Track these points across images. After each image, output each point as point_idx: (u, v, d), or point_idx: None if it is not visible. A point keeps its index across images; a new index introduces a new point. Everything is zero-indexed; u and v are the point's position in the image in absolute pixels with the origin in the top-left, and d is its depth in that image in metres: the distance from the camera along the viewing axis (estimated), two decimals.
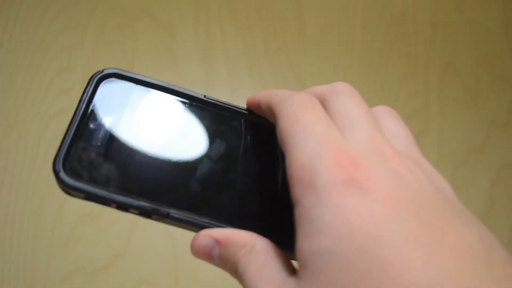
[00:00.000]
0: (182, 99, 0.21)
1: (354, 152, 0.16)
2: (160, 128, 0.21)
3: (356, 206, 0.14)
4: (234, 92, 0.57)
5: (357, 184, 0.15)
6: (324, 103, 0.18)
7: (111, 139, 0.19)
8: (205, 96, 0.22)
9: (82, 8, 0.59)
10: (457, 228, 0.15)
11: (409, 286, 0.13)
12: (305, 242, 0.15)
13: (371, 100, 0.20)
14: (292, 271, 0.16)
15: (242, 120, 0.22)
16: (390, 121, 0.19)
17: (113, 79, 0.21)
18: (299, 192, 0.15)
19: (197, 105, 0.22)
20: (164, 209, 0.18)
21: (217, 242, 0.18)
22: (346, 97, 0.18)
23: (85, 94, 0.20)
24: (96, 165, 0.19)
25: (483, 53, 0.64)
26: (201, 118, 0.21)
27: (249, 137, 0.21)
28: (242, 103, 0.23)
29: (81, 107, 0.20)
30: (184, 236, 0.49)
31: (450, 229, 0.14)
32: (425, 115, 0.59)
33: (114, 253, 0.48)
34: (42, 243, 0.48)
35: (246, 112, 0.22)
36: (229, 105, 0.22)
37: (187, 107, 0.21)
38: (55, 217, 0.49)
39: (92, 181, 0.18)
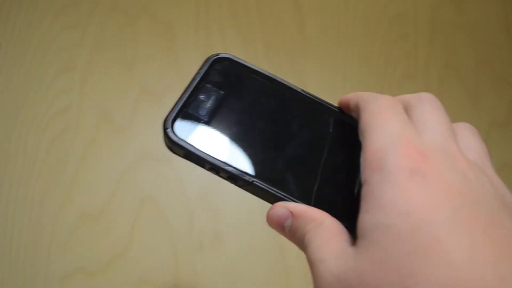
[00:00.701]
0: (281, 88, 0.25)
1: (424, 148, 0.17)
2: (259, 109, 0.23)
3: (417, 190, 0.16)
4: None
5: (422, 173, 0.16)
6: (407, 109, 0.20)
7: (215, 111, 0.22)
8: (302, 90, 0.25)
9: (82, 8, 0.59)
10: (507, 226, 0.16)
11: (454, 265, 0.14)
12: (366, 216, 0.16)
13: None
14: (353, 243, 0.18)
15: (332, 115, 0.24)
16: (467, 134, 0.20)
17: (226, 62, 0.25)
18: (368, 173, 0.17)
19: (294, 96, 0.24)
20: (250, 177, 0.21)
21: (291, 213, 0.20)
22: (428, 105, 0.20)
23: (200, 70, 0.24)
24: (198, 129, 0.22)
25: (483, 53, 0.64)
26: (296, 107, 0.24)
27: (336, 131, 0.24)
28: None
29: (196, 80, 0.23)
30: (184, 236, 0.50)
31: (502, 227, 0.15)
32: None
33: (114, 253, 0.48)
34: (42, 243, 0.48)
35: (337, 110, 0.24)
36: (323, 101, 0.25)
37: (285, 95, 0.24)
38: (55, 217, 0.49)
39: (193, 142, 0.21)
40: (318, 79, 0.60)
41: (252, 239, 0.50)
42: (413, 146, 0.17)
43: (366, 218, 0.16)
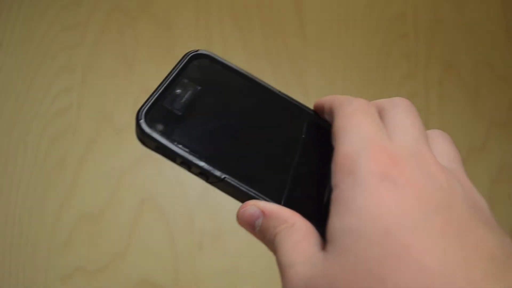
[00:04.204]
0: (258, 88, 0.24)
1: (396, 153, 0.17)
2: (234, 107, 0.23)
3: (388, 195, 0.16)
4: None
5: (392, 178, 0.16)
6: (381, 113, 0.20)
7: (190, 106, 0.22)
8: (279, 91, 0.25)
9: (82, 8, 0.59)
10: (480, 232, 0.15)
11: (425, 270, 0.14)
12: (336, 220, 0.16)
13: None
14: (324, 247, 0.17)
15: (307, 118, 0.24)
16: (440, 140, 0.20)
17: (204, 59, 0.24)
18: (339, 177, 0.17)
19: (271, 96, 0.24)
20: (222, 174, 0.21)
21: (263, 213, 0.20)
22: (402, 110, 0.20)
23: (178, 65, 0.24)
24: (172, 123, 0.21)
25: (483, 53, 0.64)
26: (272, 107, 0.24)
27: (310, 133, 0.24)
28: None
29: (173, 74, 0.23)
30: (184, 236, 0.50)
31: (473, 231, 0.15)
32: (425, 115, 0.59)
33: (114, 253, 0.48)
34: (42, 243, 0.48)
35: (312, 113, 0.24)
36: (299, 103, 0.25)
37: (261, 95, 0.24)
38: (55, 217, 0.49)
39: (166, 135, 0.21)
40: (318, 79, 0.60)
41: (252, 239, 0.50)
42: (384, 151, 0.17)
43: (336, 222, 0.16)
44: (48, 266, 0.47)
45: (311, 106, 0.25)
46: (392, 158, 0.17)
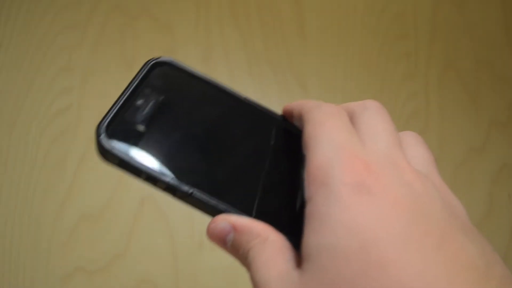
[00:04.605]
0: (224, 95, 0.23)
1: (369, 160, 0.16)
2: (200, 116, 0.22)
3: (364, 207, 0.15)
4: None
5: (367, 189, 0.15)
6: (352, 117, 0.19)
7: (153, 117, 0.21)
8: (245, 98, 0.24)
9: (82, 8, 0.59)
10: (459, 240, 0.15)
11: (405, 285, 0.13)
12: (311, 236, 0.16)
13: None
14: (299, 264, 0.17)
15: (276, 124, 0.23)
16: (413, 143, 0.19)
17: (166, 67, 0.23)
18: (312, 189, 0.16)
19: (237, 104, 0.23)
20: (189, 188, 0.19)
21: (234, 228, 0.19)
22: (374, 113, 0.19)
23: (138, 74, 0.22)
24: (134, 137, 0.20)
25: (483, 53, 0.64)
26: (238, 115, 0.23)
27: (279, 140, 0.23)
28: None
29: (133, 84, 0.21)
30: (184, 236, 0.50)
31: (452, 241, 0.15)
32: (425, 115, 0.59)
33: (114, 253, 0.48)
34: (42, 243, 0.48)
35: (281, 118, 0.23)
36: (266, 109, 0.24)
37: (227, 103, 0.23)
38: (55, 217, 0.49)
39: (128, 150, 0.20)
40: (318, 79, 0.60)
41: None
42: (357, 159, 0.16)
43: (312, 239, 0.15)
44: (48, 266, 0.47)
45: None
46: (366, 165, 0.16)
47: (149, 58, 0.23)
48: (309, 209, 0.16)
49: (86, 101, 0.54)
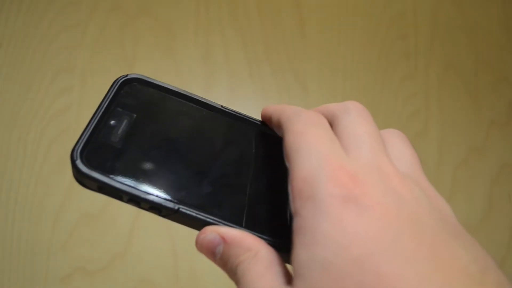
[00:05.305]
0: (199, 107, 0.23)
1: (354, 169, 0.16)
2: (177, 130, 0.22)
3: (353, 220, 0.15)
4: (233, 92, 0.57)
5: (355, 200, 0.15)
6: (333, 121, 0.19)
7: (128, 136, 0.20)
8: (222, 106, 0.23)
9: (82, 8, 0.59)
10: (452, 247, 0.15)
11: None
12: (301, 251, 0.15)
13: (371, 100, 0.20)
14: (290, 280, 0.16)
15: (256, 130, 0.23)
16: (397, 143, 0.19)
17: (135, 83, 0.23)
18: (299, 203, 0.16)
19: (214, 113, 0.23)
20: (174, 205, 0.19)
21: (223, 240, 0.18)
22: (355, 116, 0.19)
23: (108, 94, 0.22)
24: (111, 158, 0.19)
25: (483, 53, 0.64)
26: (217, 125, 0.23)
27: (261, 146, 0.22)
28: (241, 103, 0.23)
29: (104, 104, 0.21)
30: (184, 236, 0.50)
31: (445, 248, 0.15)
32: (425, 115, 0.59)
33: (114, 253, 0.48)
34: (42, 243, 0.48)
35: (260, 123, 0.23)
36: (244, 116, 0.23)
37: (203, 114, 0.23)
38: (55, 217, 0.49)
39: (107, 173, 0.19)
40: (318, 79, 0.60)
41: None
42: (342, 169, 0.16)
43: (302, 254, 0.15)
44: (48, 266, 0.47)
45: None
46: (351, 176, 0.16)
47: (117, 77, 0.23)
48: (298, 223, 0.16)
49: (86, 101, 0.54)
